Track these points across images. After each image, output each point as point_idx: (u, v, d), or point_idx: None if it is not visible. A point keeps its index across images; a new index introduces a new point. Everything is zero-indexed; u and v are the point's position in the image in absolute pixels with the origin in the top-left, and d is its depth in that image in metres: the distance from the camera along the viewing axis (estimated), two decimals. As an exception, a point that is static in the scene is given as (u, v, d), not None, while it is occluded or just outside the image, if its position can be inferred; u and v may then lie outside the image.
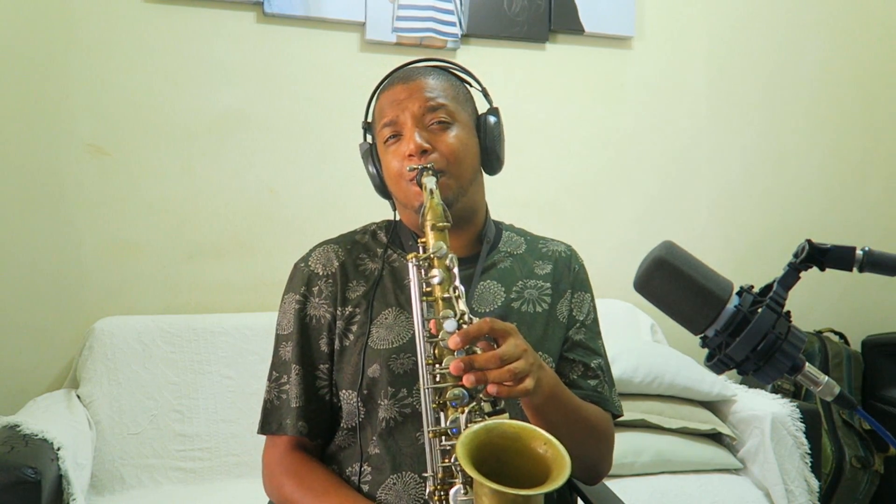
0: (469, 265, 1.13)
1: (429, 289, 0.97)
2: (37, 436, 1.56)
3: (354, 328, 1.09)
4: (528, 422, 1.02)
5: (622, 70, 2.56)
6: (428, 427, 0.92)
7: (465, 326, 0.90)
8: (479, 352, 0.90)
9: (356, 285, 1.12)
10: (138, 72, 2.14)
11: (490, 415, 0.89)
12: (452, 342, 0.88)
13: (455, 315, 0.93)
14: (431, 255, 0.97)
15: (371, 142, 1.17)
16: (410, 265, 0.98)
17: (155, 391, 1.95)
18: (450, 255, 0.97)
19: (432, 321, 0.94)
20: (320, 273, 1.13)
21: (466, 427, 0.87)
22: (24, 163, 2.07)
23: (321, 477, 1.07)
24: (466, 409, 0.88)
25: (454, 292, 0.95)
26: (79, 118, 2.10)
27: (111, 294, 2.12)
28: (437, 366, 0.92)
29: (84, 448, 1.75)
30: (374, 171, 1.16)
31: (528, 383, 0.88)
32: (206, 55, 2.19)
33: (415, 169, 1.04)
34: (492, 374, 0.86)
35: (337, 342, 1.10)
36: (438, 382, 0.92)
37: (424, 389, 0.93)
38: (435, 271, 0.96)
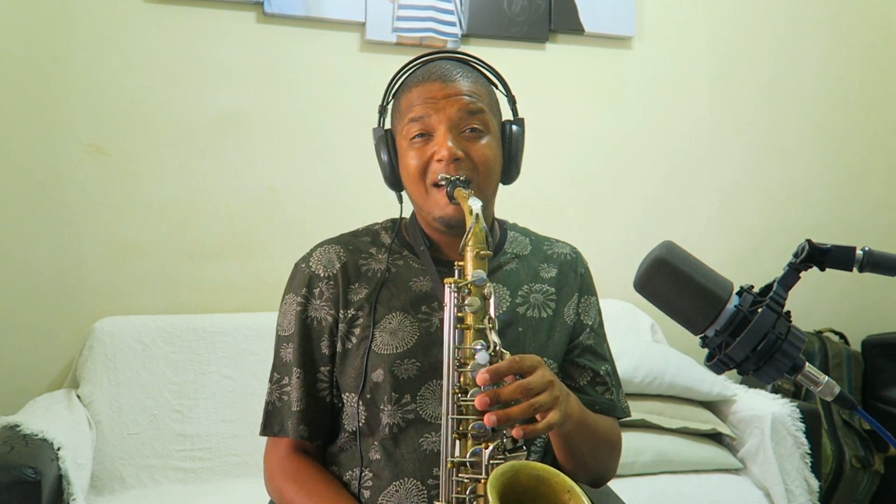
0: None
1: (461, 314, 0.95)
2: (37, 436, 1.56)
3: (357, 331, 1.08)
4: (549, 445, 1.03)
5: (622, 70, 2.56)
6: (447, 456, 0.91)
7: (495, 360, 0.90)
8: (505, 384, 0.89)
9: (358, 287, 1.10)
10: (138, 72, 2.14)
11: (510, 451, 0.89)
12: (481, 379, 0.88)
13: (487, 347, 0.92)
14: (470, 283, 0.95)
15: (387, 128, 1.13)
16: (448, 290, 0.96)
17: (155, 391, 1.95)
18: (488, 285, 0.95)
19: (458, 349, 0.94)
20: (321, 274, 1.11)
21: (489, 462, 0.87)
22: (24, 163, 2.06)
23: (321, 482, 1.06)
24: (491, 445, 0.88)
25: (488, 323, 0.94)
26: (79, 118, 2.10)
27: (111, 294, 2.12)
28: (460, 395, 0.92)
29: (84, 448, 1.75)
30: (388, 159, 1.11)
31: (552, 417, 0.88)
32: (206, 55, 2.18)
33: (447, 178, 1.02)
34: (515, 412, 0.86)
35: (339, 345, 1.09)
36: (462, 412, 0.91)
37: (447, 418, 0.92)
38: (471, 299, 0.94)
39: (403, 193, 1.14)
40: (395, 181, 1.12)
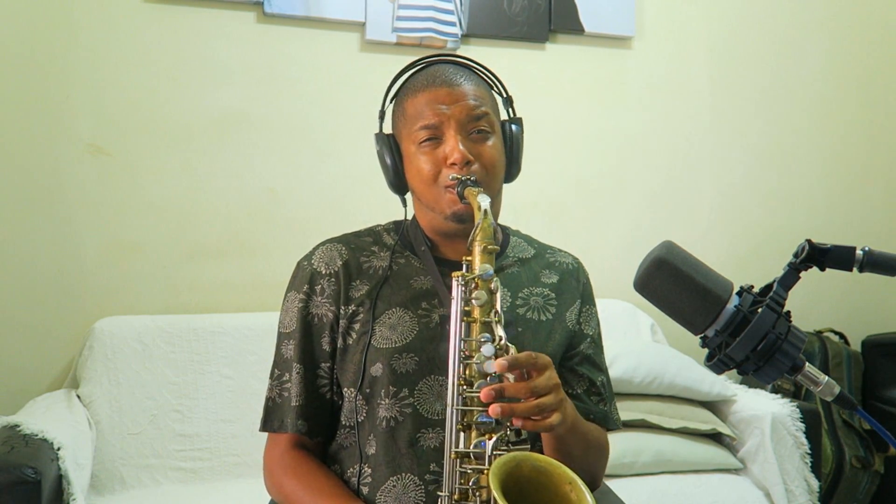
0: None
1: (468, 308, 0.97)
2: (37, 436, 1.56)
3: (357, 327, 1.09)
4: (543, 448, 1.04)
5: (622, 70, 2.56)
6: (451, 447, 0.92)
7: (501, 353, 0.91)
8: (510, 379, 0.91)
9: (359, 284, 1.11)
10: (138, 72, 2.14)
11: (514, 444, 0.90)
12: (499, 366, 0.89)
13: (493, 339, 0.94)
14: (477, 278, 0.97)
15: (388, 133, 1.15)
16: (455, 283, 0.99)
17: (155, 391, 1.95)
18: (495, 279, 0.97)
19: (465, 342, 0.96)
20: (323, 272, 1.13)
21: (492, 454, 0.88)
22: (24, 163, 2.06)
23: (320, 477, 1.07)
24: (495, 437, 0.89)
25: (494, 317, 0.96)
26: (79, 118, 2.10)
27: (111, 294, 2.12)
28: (465, 387, 0.93)
29: (84, 448, 1.75)
30: (392, 164, 1.13)
31: (555, 419, 0.89)
32: (206, 55, 2.18)
33: (457, 178, 1.04)
34: (519, 407, 0.87)
35: (340, 341, 1.10)
36: (466, 404, 0.93)
37: (452, 409, 0.93)
38: (478, 293, 0.96)
39: (407, 196, 1.17)
40: (399, 185, 1.15)
